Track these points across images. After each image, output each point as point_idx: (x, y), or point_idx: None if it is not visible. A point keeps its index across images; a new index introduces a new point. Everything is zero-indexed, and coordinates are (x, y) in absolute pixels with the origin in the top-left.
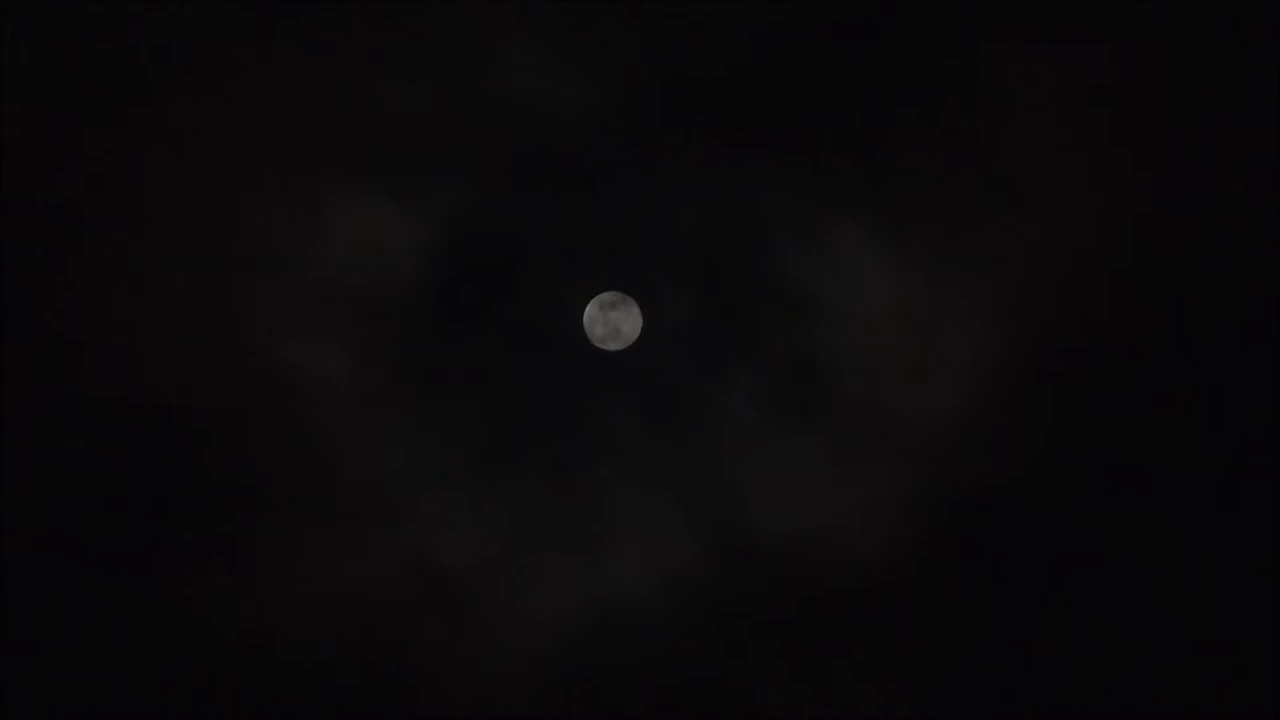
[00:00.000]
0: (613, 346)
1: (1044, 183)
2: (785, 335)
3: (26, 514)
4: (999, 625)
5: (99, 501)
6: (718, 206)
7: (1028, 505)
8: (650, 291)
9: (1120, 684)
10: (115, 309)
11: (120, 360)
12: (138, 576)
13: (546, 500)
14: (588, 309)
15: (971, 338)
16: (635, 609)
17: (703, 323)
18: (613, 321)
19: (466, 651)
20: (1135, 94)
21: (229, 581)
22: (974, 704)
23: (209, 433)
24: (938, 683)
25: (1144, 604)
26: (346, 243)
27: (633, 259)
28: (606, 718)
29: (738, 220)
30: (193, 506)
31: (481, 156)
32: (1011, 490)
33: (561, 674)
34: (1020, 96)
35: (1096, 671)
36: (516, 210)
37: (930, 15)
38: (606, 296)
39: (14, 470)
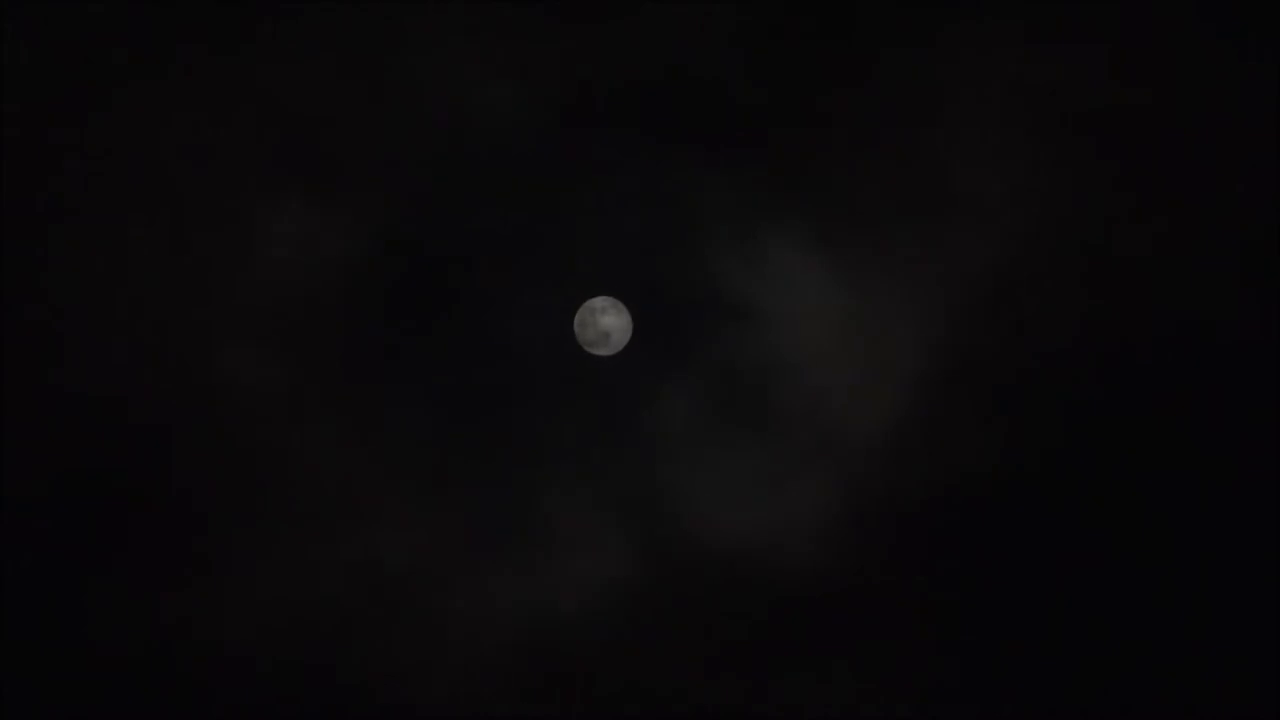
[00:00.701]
0: (601, 352)
1: (983, 192)
2: (724, 343)
3: None
4: (939, 631)
5: (34, 509)
6: (656, 212)
7: (966, 513)
8: (588, 298)
9: (1063, 686)
10: (48, 320)
11: (53, 370)
12: (73, 585)
13: (486, 509)
14: (579, 313)
15: (910, 346)
16: (575, 617)
17: (642, 330)
18: (603, 326)
19: (408, 658)
20: (1075, 104)
21: (168, 591)
22: (915, 707)
23: (147, 442)
24: (879, 687)
25: (1085, 607)
26: (284, 250)
27: (572, 264)
28: None
29: (676, 226)
30: (129, 516)
31: (417, 163)
32: (950, 498)
33: (502, 681)
34: (962, 106)
35: (1040, 675)
36: (454, 216)
37: (871, 23)
38: (598, 301)
39: None
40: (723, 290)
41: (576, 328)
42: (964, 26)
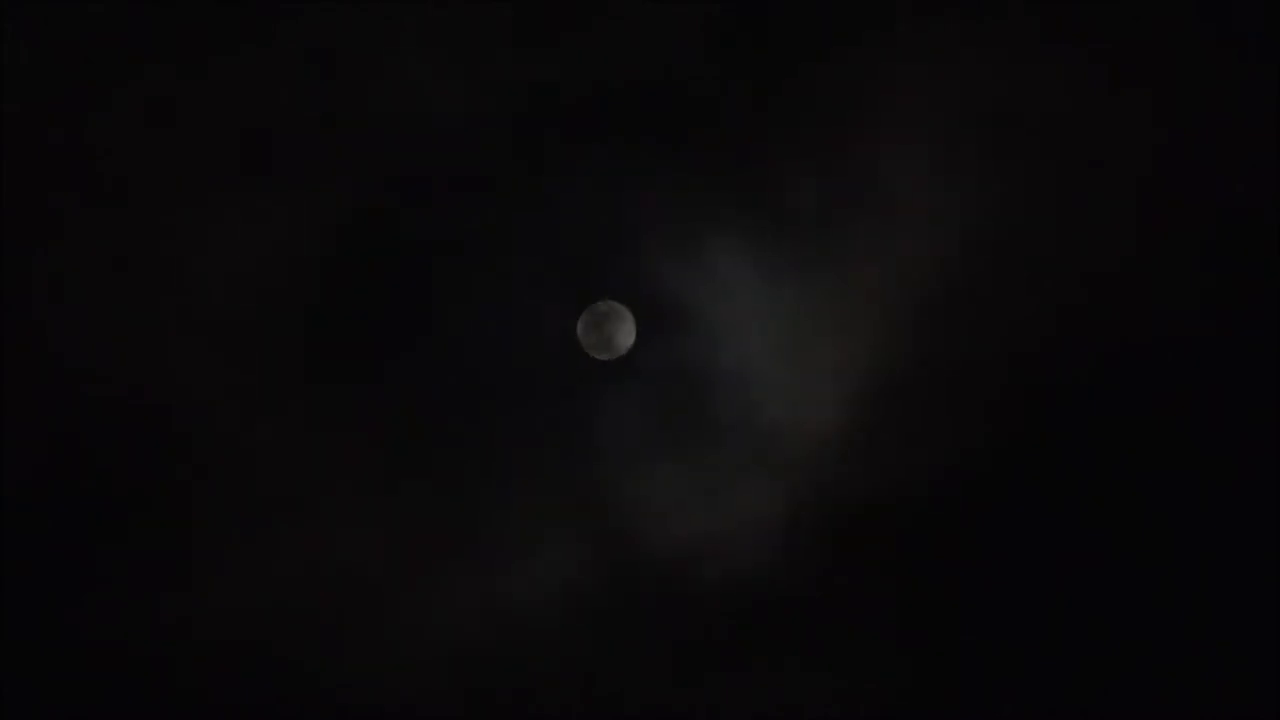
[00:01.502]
0: (604, 356)
1: (925, 197)
2: (664, 349)
3: None
4: (885, 632)
5: None
6: (594, 219)
7: (910, 516)
8: (535, 303)
9: (1011, 685)
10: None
11: (7, 372)
12: (29, 587)
13: (441, 511)
14: (582, 318)
15: (854, 351)
16: (529, 619)
17: (584, 336)
18: (606, 331)
19: (365, 659)
20: (1011, 114)
21: (125, 591)
22: (864, 706)
23: (104, 442)
24: (828, 687)
25: (1032, 607)
26: (242, 249)
27: (515, 269)
28: None
29: (613, 233)
30: (83, 517)
31: (372, 163)
32: (894, 502)
33: (458, 682)
34: (899, 116)
35: (988, 674)
36: (409, 217)
37: (810, 34)
38: (602, 306)
39: None
40: (666, 296)
41: (580, 331)
42: (903, 32)
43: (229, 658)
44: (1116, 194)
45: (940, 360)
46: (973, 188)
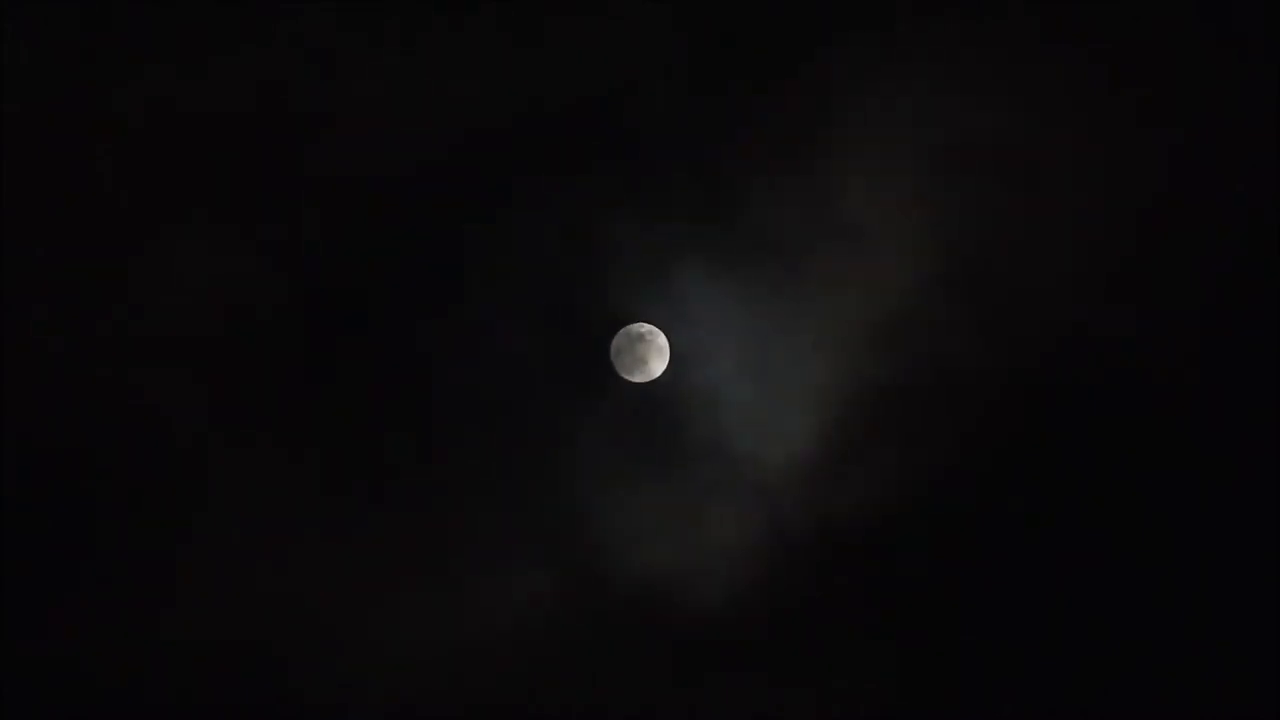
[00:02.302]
0: (639, 378)
1: (890, 223)
2: (635, 374)
3: None
4: (856, 650)
5: None
6: (566, 244)
7: (881, 535)
8: (501, 328)
9: (983, 700)
10: None
11: None
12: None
13: (407, 536)
14: (616, 339)
15: (823, 374)
16: (501, 640)
17: (554, 360)
18: (640, 353)
19: (332, 680)
20: (977, 139)
21: (87, 612)
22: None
23: (63, 467)
24: (799, 704)
25: (1004, 622)
26: (206, 276)
27: (483, 295)
28: None
29: (584, 258)
30: (47, 538)
31: (336, 192)
32: (865, 522)
33: (427, 702)
34: (865, 144)
35: (960, 688)
36: (367, 245)
37: (779, 63)
38: (635, 329)
39: None
40: (631, 320)
41: (613, 354)
42: (862, 63)
43: (196, 681)
44: (1080, 216)
45: (911, 380)
46: (940, 211)
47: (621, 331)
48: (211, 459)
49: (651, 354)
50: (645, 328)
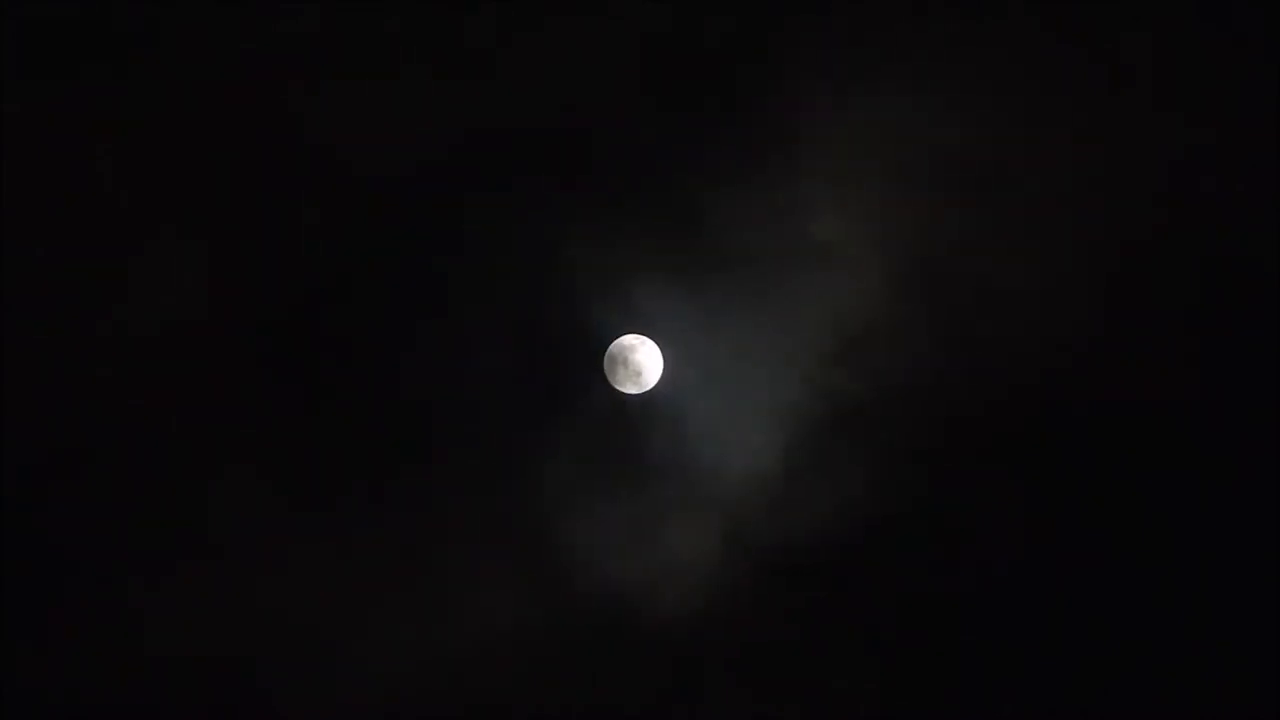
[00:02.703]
0: (632, 389)
1: (851, 235)
2: (599, 391)
3: None
4: (818, 666)
5: None
6: (530, 260)
7: (842, 551)
8: (466, 345)
9: (939, 714)
10: None
11: None
12: None
13: (378, 552)
14: (610, 350)
15: (784, 389)
16: (469, 657)
17: (519, 377)
18: (634, 364)
19: (302, 691)
20: (941, 154)
21: (56, 634)
22: None
23: (38, 485)
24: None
25: (968, 639)
26: (184, 292)
27: (448, 311)
28: None
29: (549, 274)
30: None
31: (303, 209)
32: (826, 538)
33: (393, 716)
34: (829, 160)
35: (918, 704)
36: (345, 263)
37: (745, 79)
38: (627, 340)
39: None
40: (595, 336)
41: (606, 366)
42: (834, 72)
43: (165, 702)
44: (1049, 227)
45: (872, 395)
46: (906, 224)
47: (615, 343)
48: (183, 469)
49: (646, 364)
50: (638, 339)
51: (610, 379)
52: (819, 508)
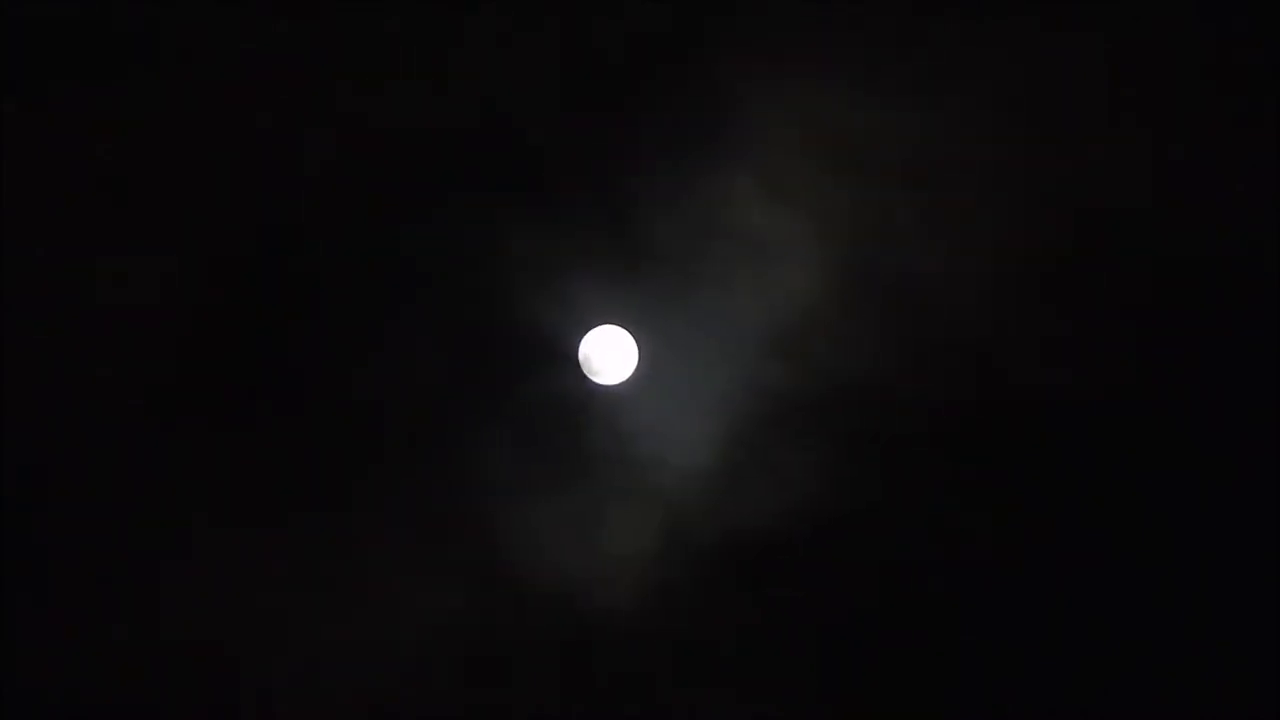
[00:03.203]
0: (607, 381)
1: (786, 227)
2: (533, 386)
3: None
4: (758, 665)
5: None
6: (462, 255)
7: (783, 548)
8: (404, 339)
9: (880, 708)
10: None
11: None
12: None
13: (313, 549)
14: (585, 341)
15: (720, 383)
16: (406, 656)
17: (455, 372)
18: (610, 355)
19: (234, 693)
20: (874, 144)
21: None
22: None
23: None
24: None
25: (912, 638)
26: (109, 290)
27: (382, 306)
28: None
29: (480, 268)
30: None
31: (239, 211)
32: (766, 533)
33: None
34: (767, 153)
35: (858, 697)
36: (278, 264)
37: (678, 73)
38: (605, 330)
39: None
40: (528, 331)
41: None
42: (775, 87)
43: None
44: (989, 224)
45: (810, 389)
46: (833, 217)
47: (592, 332)
48: (124, 467)
49: (624, 355)
50: (617, 330)
51: (587, 371)
52: (761, 501)
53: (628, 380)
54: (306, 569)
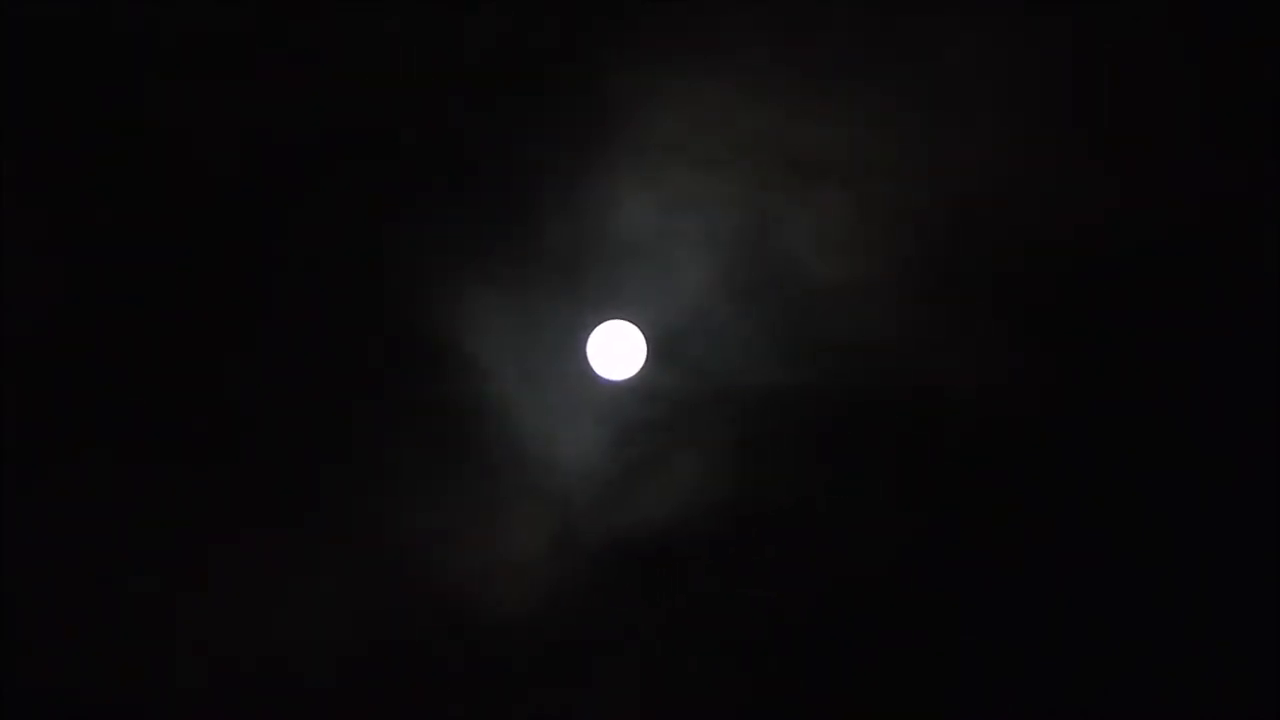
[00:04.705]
0: (614, 376)
1: (678, 228)
2: (428, 383)
3: None
4: (648, 664)
5: None
6: (352, 255)
7: (674, 547)
8: (296, 340)
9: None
10: None
11: None
12: None
13: (196, 555)
14: (592, 336)
15: (604, 391)
16: (292, 659)
17: (346, 368)
18: (616, 350)
19: (127, 705)
20: (760, 144)
21: None
22: None
23: None
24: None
25: (787, 631)
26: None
27: (277, 307)
28: None
29: (372, 267)
30: None
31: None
32: (649, 534)
33: None
34: (650, 153)
35: (752, 698)
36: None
37: (563, 77)
38: (612, 324)
39: None
40: (427, 330)
41: (590, 351)
42: (642, 68)
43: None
44: (871, 225)
45: (700, 388)
46: (722, 217)
47: (600, 327)
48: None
49: (630, 350)
50: (626, 325)
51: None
52: (651, 503)
53: (520, 382)
54: (183, 577)
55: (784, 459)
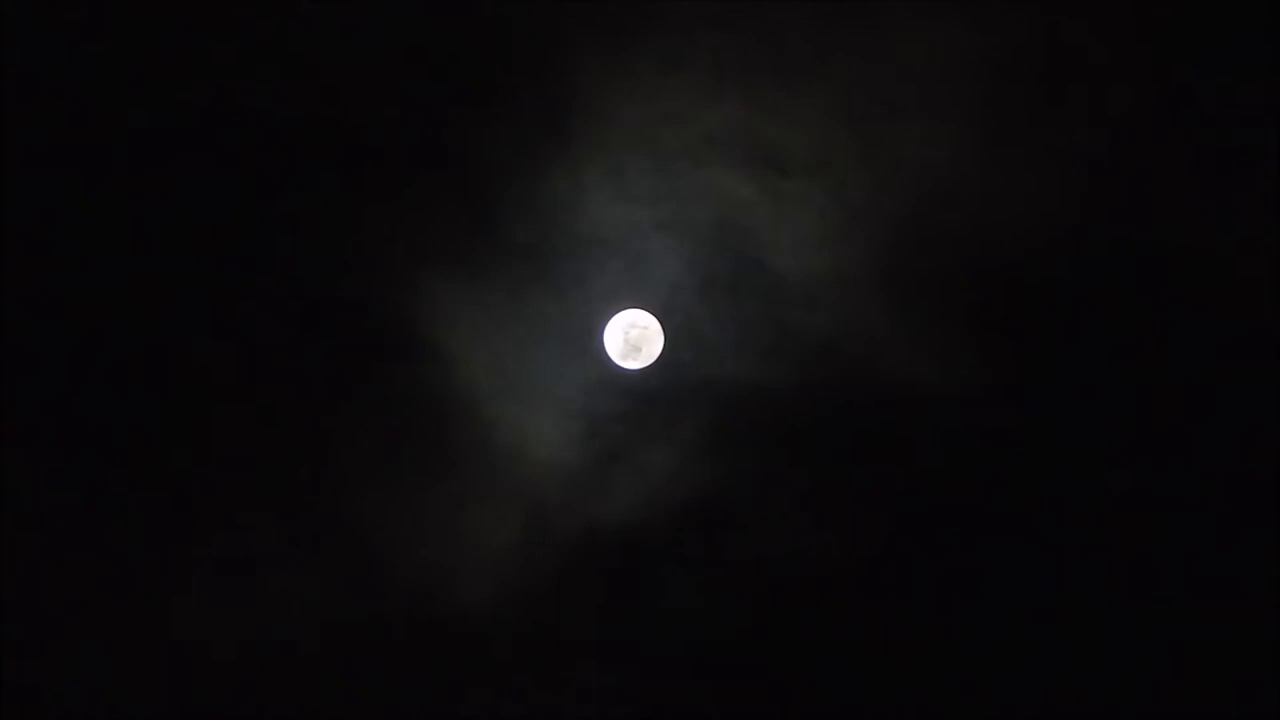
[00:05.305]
0: (633, 365)
1: (637, 221)
2: (397, 375)
3: None
4: (618, 661)
5: None
6: (324, 245)
7: (639, 543)
8: (266, 334)
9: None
10: None
11: None
12: None
13: (157, 548)
14: (609, 325)
15: (575, 384)
16: (258, 652)
17: (315, 360)
18: (633, 339)
19: (85, 697)
20: (731, 150)
21: None
22: None
23: None
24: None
25: (757, 628)
26: None
27: (246, 303)
28: None
29: (342, 262)
30: None
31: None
32: (619, 529)
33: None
34: (613, 148)
35: (720, 693)
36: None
37: (521, 66)
38: (628, 315)
39: None
40: (395, 323)
41: (606, 340)
42: (606, 65)
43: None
44: (842, 220)
45: (669, 382)
46: (688, 213)
47: (615, 318)
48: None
49: (645, 341)
50: (643, 316)
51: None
52: (621, 496)
53: (491, 374)
54: (143, 570)
55: (753, 453)
